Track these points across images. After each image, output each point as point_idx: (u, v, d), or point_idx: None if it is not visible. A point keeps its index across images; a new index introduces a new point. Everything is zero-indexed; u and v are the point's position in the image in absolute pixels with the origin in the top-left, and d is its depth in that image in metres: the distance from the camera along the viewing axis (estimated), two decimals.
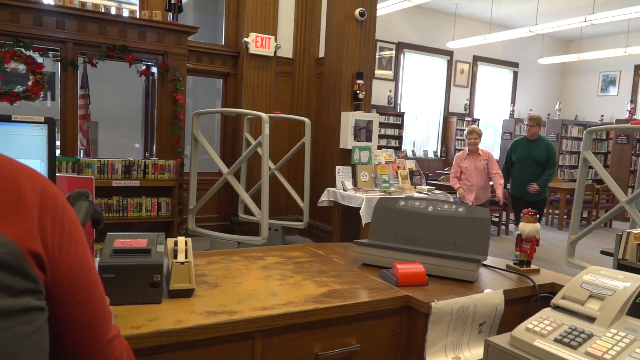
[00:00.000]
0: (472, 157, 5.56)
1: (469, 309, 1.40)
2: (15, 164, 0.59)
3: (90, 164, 4.69)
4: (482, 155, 5.54)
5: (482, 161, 5.50)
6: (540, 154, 5.74)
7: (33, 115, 1.24)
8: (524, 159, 5.83)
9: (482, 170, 5.49)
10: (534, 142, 5.83)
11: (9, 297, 0.52)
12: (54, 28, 4.56)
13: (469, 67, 11.22)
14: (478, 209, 1.68)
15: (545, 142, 5.87)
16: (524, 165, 5.83)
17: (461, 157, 5.66)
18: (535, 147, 5.79)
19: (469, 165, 5.55)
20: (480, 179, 5.52)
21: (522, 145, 5.93)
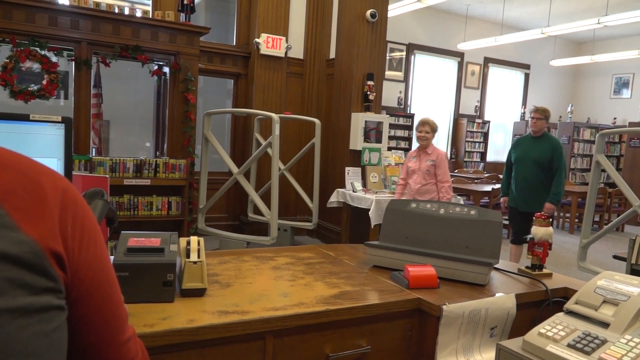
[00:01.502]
0: (420, 155, 4.52)
1: (480, 313, 1.39)
2: (37, 165, 0.60)
3: (102, 162, 4.74)
4: (430, 155, 4.44)
5: (428, 162, 4.40)
6: (543, 154, 4.58)
7: (46, 114, 1.25)
8: (522, 160, 4.71)
9: (425, 173, 4.40)
10: (538, 139, 4.69)
11: (30, 295, 0.53)
12: (69, 28, 4.61)
13: (479, 69, 11.16)
14: (490, 211, 1.67)
15: (552, 140, 4.70)
16: (520, 168, 4.73)
17: (410, 155, 4.65)
18: (538, 145, 4.65)
19: (414, 165, 4.50)
20: (421, 184, 4.43)
21: (523, 143, 4.84)
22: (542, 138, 4.68)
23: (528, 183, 4.65)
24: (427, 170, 4.39)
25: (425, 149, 4.47)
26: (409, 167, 4.54)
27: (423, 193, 4.41)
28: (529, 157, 4.64)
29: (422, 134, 4.43)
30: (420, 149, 4.52)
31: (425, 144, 4.46)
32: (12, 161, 0.57)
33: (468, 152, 11.05)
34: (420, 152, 4.51)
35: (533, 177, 4.62)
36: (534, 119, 4.67)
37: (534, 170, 4.62)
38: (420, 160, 4.47)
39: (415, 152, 4.58)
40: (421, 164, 4.44)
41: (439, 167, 4.37)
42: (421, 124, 4.48)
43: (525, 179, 4.66)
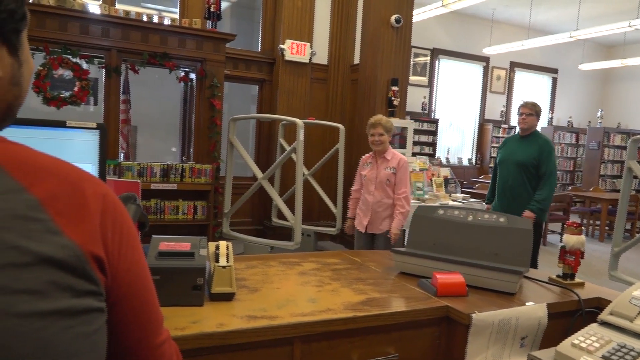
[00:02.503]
0: (375, 161, 3.65)
1: (510, 322, 1.37)
2: (78, 171, 0.62)
3: (130, 167, 4.83)
4: (389, 162, 3.58)
5: (387, 169, 3.56)
6: (528, 155, 3.92)
7: (77, 120, 1.29)
8: (505, 161, 4.08)
9: (384, 182, 3.56)
10: (526, 139, 4.03)
11: (73, 297, 0.54)
12: (100, 36, 4.73)
13: (505, 74, 11.01)
14: (520, 219, 1.65)
15: (541, 140, 4.00)
16: (502, 171, 4.10)
17: (364, 161, 3.76)
18: (524, 146, 4.00)
19: (369, 173, 3.64)
20: (379, 195, 3.59)
21: (510, 143, 4.21)
22: (530, 137, 4.02)
23: (509, 189, 4.01)
24: (386, 180, 3.54)
25: (381, 154, 3.61)
26: (363, 175, 3.68)
27: (383, 208, 3.58)
28: (512, 158, 4.01)
29: (374, 137, 3.56)
30: (374, 155, 3.66)
31: (380, 149, 3.59)
32: (55, 167, 0.59)
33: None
34: (375, 158, 3.65)
35: (515, 182, 3.97)
36: (523, 115, 4.02)
37: (515, 174, 3.96)
38: (378, 167, 3.60)
39: (369, 157, 3.70)
40: (378, 173, 3.58)
41: (397, 174, 3.56)
42: (371, 125, 3.59)
43: (507, 183, 4.03)
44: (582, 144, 11.59)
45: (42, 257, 0.52)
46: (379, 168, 3.59)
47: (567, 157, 11.57)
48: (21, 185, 0.54)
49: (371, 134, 3.59)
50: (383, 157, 3.59)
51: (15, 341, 0.49)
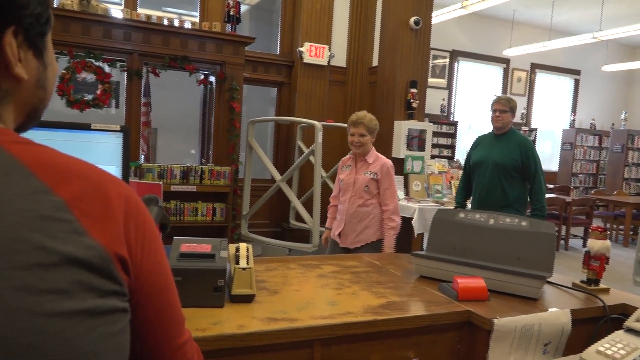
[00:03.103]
0: (355, 164, 3.14)
1: (533, 328, 1.34)
2: (103, 173, 0.62)
3: (150, 169, 4.89)
4: (370, 165, 3.07)
5: (366, 174, 3.04)
6: (507, 156, 3.49)
7: (99, 122, 1.31)
8: (480, 163, 3.63)
9: (362, 189, 3.03)
10: (502, 137, 3.60)
11: (98, 297, 0.55)
12: (122, 40, 4.80)
13: (526, 75, 10.87)
14: (542, 222, 1.62)
15: (520, 138, 3.57)
16: (478, 174, 3.65)
17: (343, 164, 3.25)
18: (501, 145, 3.57)
19: (347, 177, 3.12)
20: (356, 203, 3.05)
21: (484, 142, 3.74)
22: (507, 136, 3.59)
23: (486, 193, 3.57)
24: (365, 187, 3.02)
25: (361, 157, 3.11)
26: (341, 180, 3.16)
27: (360, 218, 3.04)
28: (489, 160, 3.56)
29: (354, 137, 3.04)
30: (354, 158, 3.16)
31: (361, 152, 3.08)
32: (80, 169, 0.60)
33: None
34: (354, 161, 3.14)
35: (493, 186, 3.53)
36: (497, 112, 3.57)
37: (494, 177, 3.53)
38: (357, 171, 3.10)
39: (349, 160, 3.20)
40: (357, 177, 3.07)
41: (382, 182, 3.03)
42: (352, 123, 3.07)
43: (484, 187, 3.59)
44: (605, 146, 11.37)
45: (68, 257, 0.53)
46: (358, 172, 3.09)
47: (589, 160, 11.36)
48: (47, 187, 0.54)
49: (351, 133, 3.06)
50: (364, 159, 3.09)
51: (42, 340, 0.50)
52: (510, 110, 3.56)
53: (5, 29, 0.56)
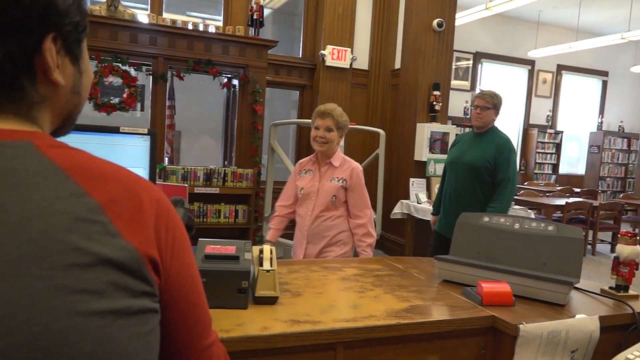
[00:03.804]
0: (318, 168, 2.60)
1: (560, 334, 1.32)
2: (134, 176, 0.64)
3: (175, 171, 4.96)
4: (337, 169, 2.55)
5: (333, 181, 2.52)
6: (481, 157, 3.13)
7: (125, 125, 1.33)
8: (453, 164, 3.31)
9: (328, 199, 2.51)
10: (481, 137, 3.26)
11: (130, 298, 0.56)
12: (148, 44, 4.89)
13: (552, 77, 10.68)
14: (570, 227, 1.59)
15: (500, 139, 3.20)
16: (450, 176, 3.33)
17: (302, 168, 2.68)
18: (478, 145, 3.21)
19: (308, 184, 2.58)
20: (321, 217, 2.53)
21: (462, 141, 3.40)
22: (487, 136, 3.23)
23: (456, 197, 3.21)
24: (332, 197, 2.50)
25: (325, 158, 2.57)
26: (299, 188, 2.61)
27: (325, 235, 2.52)
28: (462, 159, 3.22)
29: (319, 132, 2.50)
30: (317, 160, 2.61)
31: (326, 151, 2.54)
32: (113, 172, 0.61)
33: (539, 164, 10.57)
34: (319, 162, 2.61)
35: (463, 189, 3.18)
36: (478, 109, 3.20)
37: (465, 179, 3.17)
38: (321, 177, 2.56)
39: (309, 163, 2.65)
40: (321, 185, 2.54)
41: (353, 190, 2.53)
42: (319, 114, 2.53)
43: (455, 191, 3.23)
44: (634, 149, 11.09)
45: (102, 258, 0.54)
46: (323, 178, 2.55)
47: (617, 163, 11.09)
48: (83, 189, 0.56)
49: (315, 126, 2.52)
50: (329, 163, 2.55)
51: (77, 339, 0.51)
52: (494, 108, 3.21)
53: (46, 35, 0.58)
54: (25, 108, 0.59)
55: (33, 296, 0.49)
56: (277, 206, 2.72)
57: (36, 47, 0.57)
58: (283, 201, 2.71)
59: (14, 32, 0.55)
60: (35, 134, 0.59)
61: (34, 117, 0.60)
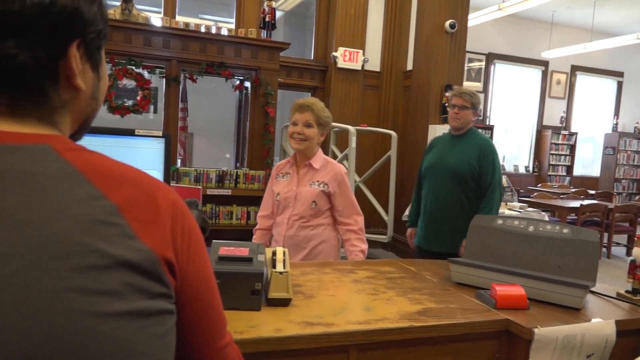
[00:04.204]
0: (296, 170, 2.34)
1: (575, 338, 1.31)
2: (151, 178, 0.65)
3: (187, 172, 5.00)
4: (318, 172, 2.28)
5: (313, 185, 2.25)
6: (464, 160, 2.83)
7: (138, 127, 1.35)
8: (433, 169, 2.95)
9: (308, 205, 2.23)
10: (460, 139, 2.94)
11: (147, 299, 0.57)
12: (161, 47, 4.94)
13: (566, 78, 10.57)
14: (585, 230, 1.57)
15: (481, 141, 2.91)
16: (430, 182, 2.96)
17: (279, 171, 2.41)
18: (458, 148, 2.90)
19: (285, 189, 2.30)
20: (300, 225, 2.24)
21: (438, 145, 3.05)
22: (467, 138, 2.92)
23: (439, 206, 2.87)
24: (312, 203, 2.22)
25: (305, 160, 2.30)
26: (274, 193, 2.34)
27: (302, 244, 2.23)
28: (443, 165, 2.88)
29: (297, 127, 2.25)
30: (295, 161, 2.35)
31: (305, 150, 2.27)
32: (130, 175, 0.62)
33: (552, 166, 10.46)
34: (297, 165, 2.34)
35: (448, 198, 2.85)
36: (456, 108, 2.89)
37: (447, 186, 2.84)
38: (299, 180, 2.29)
39: (287, 165, 2.38)
40: (300, 189, 2.26)
41: (337, 196, 2.25)
42: (297, 108, 2.29)
43: (437, 199, 2.88)
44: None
45: (119, 260, 0.55)
46: (301, 182, 2.27)
47: (633, 165, 10.94)
48: (100, 192, 0.57)
49: (293, 121, 2.27)
50: (308, 165, 2.28)
51: (94, 340, 0.51)
52: (472, 107, 2.89)
53: (72, 41, 0.59)
54: (47, 112, 0.60)
55: (52, 297, 0.50)
56: (258, 217, 2.47)
57: (62, 53, 0.58)
58: (262, 210, 2.43)
59: (42, 39, 0.56)
60: (54, 137, 0.60)
61: (55, 121, 0.62)
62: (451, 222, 2.82)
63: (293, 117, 2.29)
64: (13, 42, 0.54)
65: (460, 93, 2.90)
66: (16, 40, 0.54)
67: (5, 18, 0.53)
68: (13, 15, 0.53)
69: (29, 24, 0.55)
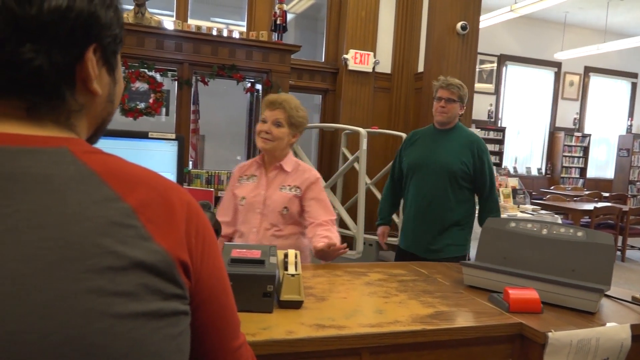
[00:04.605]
0: (264, 172, 2.11)
1: (590, 343, 1.29)
2: (165, 180, 0.65)
3: (199, 175, 5.02)
4: (289, 175, 2.08)
5: (284, 189, 2.04)
6: (455, 158, 2.59)
7: (151, 130, 1.36)
8: (421, 167, 2.66)
9: (277, 210, 2.01)
10: (447, 133, 2.68)
11: (162, 300, 0.57)
12: (173, 50, 4.97)
13: (579, 79, 10.47)
14: (599, 233, 1.56)
15: (470, 135, 2.70)
16: (418, 182, 2.66)
17: (242, 173, 2.18)
18: (449, 145, 2.63)
19: (251, 193, 2.07)
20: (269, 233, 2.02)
21: (423, 139, 2.75)
22: (454, 133, 2.68)
23: (427, 208, 2.61)
24: (283, 209, 2.01)
25: (274, 161, 2.09)
26: (238, 197, 2.10)
27: None
28: (434, 163, 2.60)
29: (265, 125, 2.03)
30: (262, 162, 2.13)
31: (270, 149, 2.05)
32: (145, 177, 0.63)
33: (565, 168, 10.36)
34: (266, 167, 2.12)
35: (437, 198, 2.59)
36: (442, 101, 2.62)
37: (438, 186, 2.59)
38: (267, 184, 2.07)
39: (253, 167, 2.15)
40: (269, 194, 2.04)
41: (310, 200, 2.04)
42: (268, 105, 2.06)
43: (425, 199, 2.62)
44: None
45: (135, 261, 0.55)
46: (271, 186, 2.05)
47: None
48: (117, 194, 0.57)
49: (263, 118, 2.05)
50: (278, 167, 2.08)
51: (111, 340, 0.52)
52: (460, 100, 2.65)
53: (88, 46, 0.60)
54: (64, 116, 0.61)
55: (70, 298, 0.51)
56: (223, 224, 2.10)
57: (79, 57, 0.59)
58: (223, 216, 2.12)
59: (59, 44, 0.57)
60: (71, 140, 0.60)
61: (71, 124, 0.62)
62: (438, 223, 2.60)
63: (263, 113, 2.06)
64: (30, 46, 0.55)
65: (447, 85, 2.65)
66: (33, 45, 0.55)
67: (23, 23, 0.54)
68: (30, 19, 0.54)
69: (46, 29, 0.55)
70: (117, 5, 0.64)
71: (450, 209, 2.59)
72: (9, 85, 0.56)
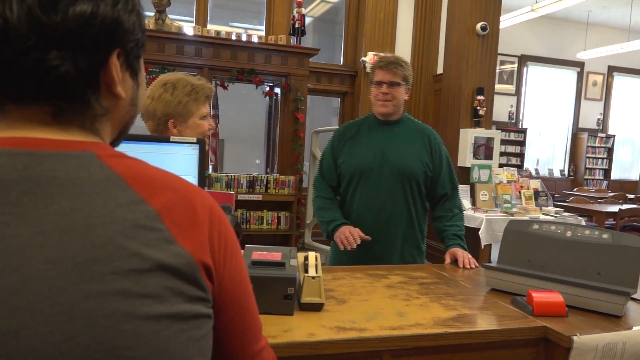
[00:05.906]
0: None
1: (616, 347, 1.26)
2: (188, 184, 0.66)
3: (219, 178, 5.07)
4: None
5: None
6: (414, 157, 2.13)
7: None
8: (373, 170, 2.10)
9: None
10: (394, 126, 2.18)
11: (185, 303, 0.58)
12: (193, 55, 5.04)
13: (602, 79, 10.27)
14: (626, 235, 1.52)
15: (423, 128, 2.25)
16: (369, 186, 2.11)
17: None
18: (404, 141, 2.15)
19: None
20: None
21: (363, 134, 2.19)
22: (403, 125, 2.20)
23: (385, 215, 2.10)
24: None
25: None
26: None
27: None
28: (389, 163, 2.10)
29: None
30: None
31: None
32: (169, 180, 0.63)
33: (589, 169, 10.16)
34: None
35: (394, 204, 2.10)
36: (384, 86, 2.08)
37: (395, 191, 2.10)
38: None
39: None
40: None
41: None
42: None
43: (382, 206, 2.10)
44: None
45: (159, 264, 0.56)
46: None
47: None
48: (141, 197, 0.58)
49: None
50: None
51: (137, 342, 0.53)
52: (405, 81, 2.12)
53: (112, 51, 0.61)
54: (89, 120, 0.62)
55: (97, 299, 0.52)
56: None
57: (103, 62, 0.60)
58: None
59: (84, 49, 0.58)
60: (96, 144, 0.61)
61: (96, 128, 0.63)
62: (396, 234, 2.12)
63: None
64: (56, 53, 0.56)
65: (387, 64, 2.08)
66: (59, 52, 0.56)
67: (49, 30, 0.55)
68: (56, 26, 0.55)
69: (71, 35, 0.56)
70: (139, 10, 0.65)
71: (409, 216, 2.13)
72: (35, 91, 0.57)
